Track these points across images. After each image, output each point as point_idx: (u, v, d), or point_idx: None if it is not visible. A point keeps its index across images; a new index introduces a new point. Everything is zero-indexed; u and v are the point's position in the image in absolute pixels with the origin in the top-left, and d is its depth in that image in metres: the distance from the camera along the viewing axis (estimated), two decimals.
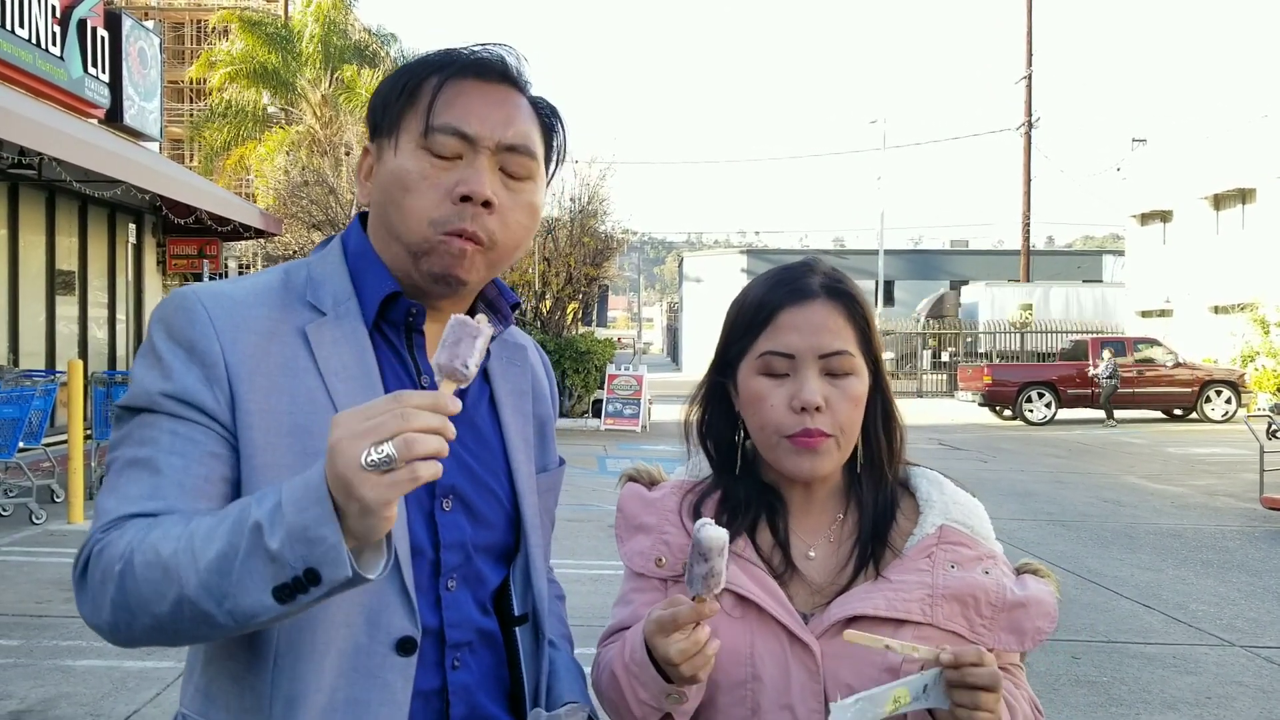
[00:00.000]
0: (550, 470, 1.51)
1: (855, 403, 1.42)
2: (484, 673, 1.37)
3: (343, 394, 1.26)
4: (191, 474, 1.21)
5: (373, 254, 1.36)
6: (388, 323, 1.35)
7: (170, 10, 33.46)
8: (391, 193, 1.31)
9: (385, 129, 1.34)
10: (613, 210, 22.55)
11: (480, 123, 1.30)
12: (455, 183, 1.28)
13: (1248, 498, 11.45)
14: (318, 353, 1.28)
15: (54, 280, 14.61)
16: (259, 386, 1.24)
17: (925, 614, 1.38)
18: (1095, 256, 51.12)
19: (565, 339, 19.98)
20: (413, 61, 1.37)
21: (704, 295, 51.12)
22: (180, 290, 1.30)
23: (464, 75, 1.32)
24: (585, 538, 8.63)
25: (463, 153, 1.30)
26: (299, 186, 21.74)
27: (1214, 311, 27.83)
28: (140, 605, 1.13)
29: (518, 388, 1.48)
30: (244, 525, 1.07)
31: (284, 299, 1.31)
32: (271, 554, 1.05)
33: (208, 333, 1.24)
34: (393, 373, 1.33)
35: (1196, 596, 7.13)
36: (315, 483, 1.04)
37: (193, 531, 1.11)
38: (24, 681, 4.99)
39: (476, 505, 1.36)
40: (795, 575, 1.44)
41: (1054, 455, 15.97)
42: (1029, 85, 33.00)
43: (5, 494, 9.17)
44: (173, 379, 1.23)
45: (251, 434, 1.23)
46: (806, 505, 1.48)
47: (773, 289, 1.47)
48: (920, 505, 1.48)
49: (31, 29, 12.61)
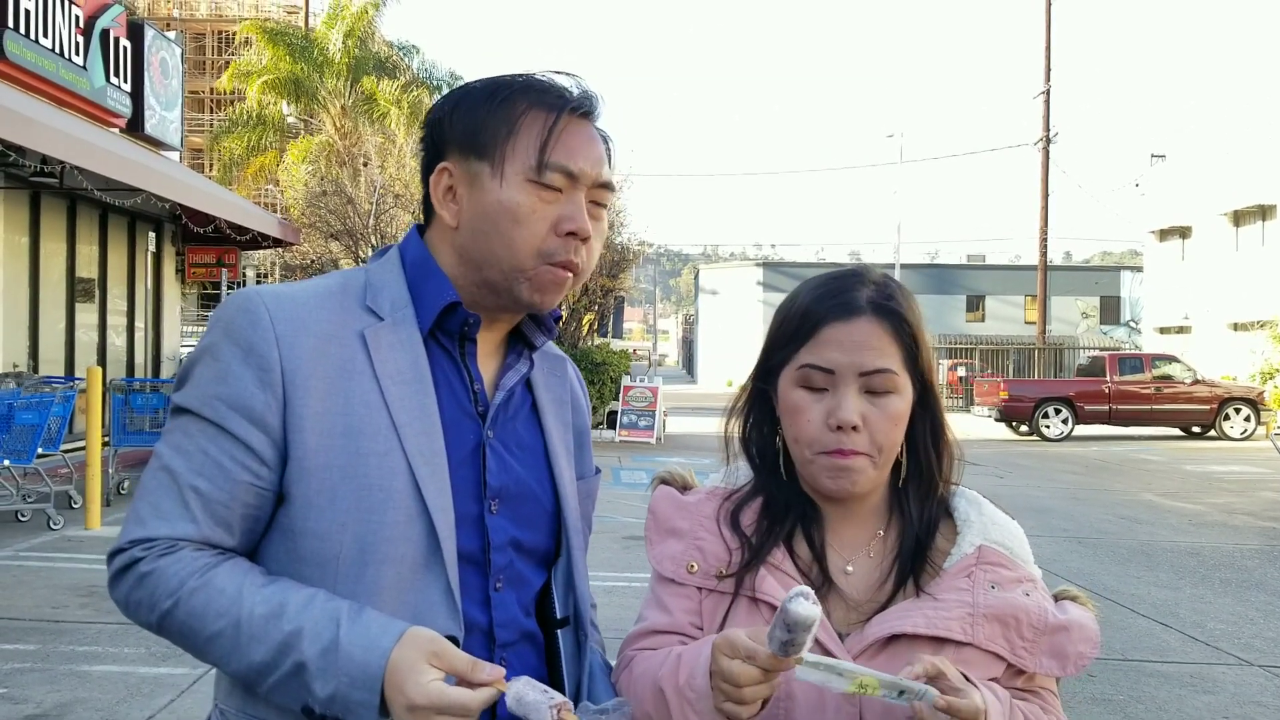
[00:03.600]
0: (588, 478, 1.56)
1: (894, 422, 1.40)
2: (527, 674, 1.38)
3: (397, 397, 1.31)
4: (216, 500, 1.27)
5: (433, 264, 1.40)
6: (443, 331, 1.39)
7: (192, 21, 33.72)
8: (499, 223, 1.34)
9: (481, 154, 1.35)
10: (629, 222, 22.57)
11: (584, 161, 1.36)
12: (559, 218, 1.34)
13: (1267, 516, 11.37)
14: (375, 356, 1.32)
15: (74, 288, 14.71)
16: (315, 390, 1.29)
17: (966, 633, 1.35)
18: (1113, 273, 50.93)
19: (580, 350, 20.00)
20: (500, 86, 1.39)
21: (720, 308, 51.12)
22: (244, 291, 1.35)
23: (572, 113, 1.37)
24: (599, 549, 8.62)
25: (564, 187, 1.35)
26: (317, 196, 21.87)
27: (1233, 328, 27.67)
28: (176, 643, 1.28)
29: (558, 397, 1.53)
30: (288, 654, 1.20)
31: (343, 302, 1.36)
32: (312, 692, 1.19)
33: (268, 336, 1.29)
34: (445, 379, 1.38)
35: (1214, 615, 7.07)
36: (374, 675, 1.18)
37: (239, 621, 1.22)
38: (40, 686, 5.01)
39: (521, 509, 1.41)
40: (833, 591, 1.41)
41: (1071, 472, 15.87)
42: (1047, 100, 32.91)
43: (24, 499, 9.22)
44: (227, 381, 1.28)
45: (304, 436, 1.28)
46: (845, 519, 1.46)
47: (819, 299, 1.44)
48: (958, 525, 1.45)
49: (55, 38, 12.73)
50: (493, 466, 1.38)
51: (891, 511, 1.46)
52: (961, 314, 47.89)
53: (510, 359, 1.46)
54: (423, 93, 26.08)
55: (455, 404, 1.37)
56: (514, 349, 1.47)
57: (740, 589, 1.40)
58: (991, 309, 48.51)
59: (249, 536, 1.31)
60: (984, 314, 48.28)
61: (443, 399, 1.35)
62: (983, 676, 1.35)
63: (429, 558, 1.29)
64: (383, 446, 1.28)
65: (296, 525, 1.29)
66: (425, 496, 1.29)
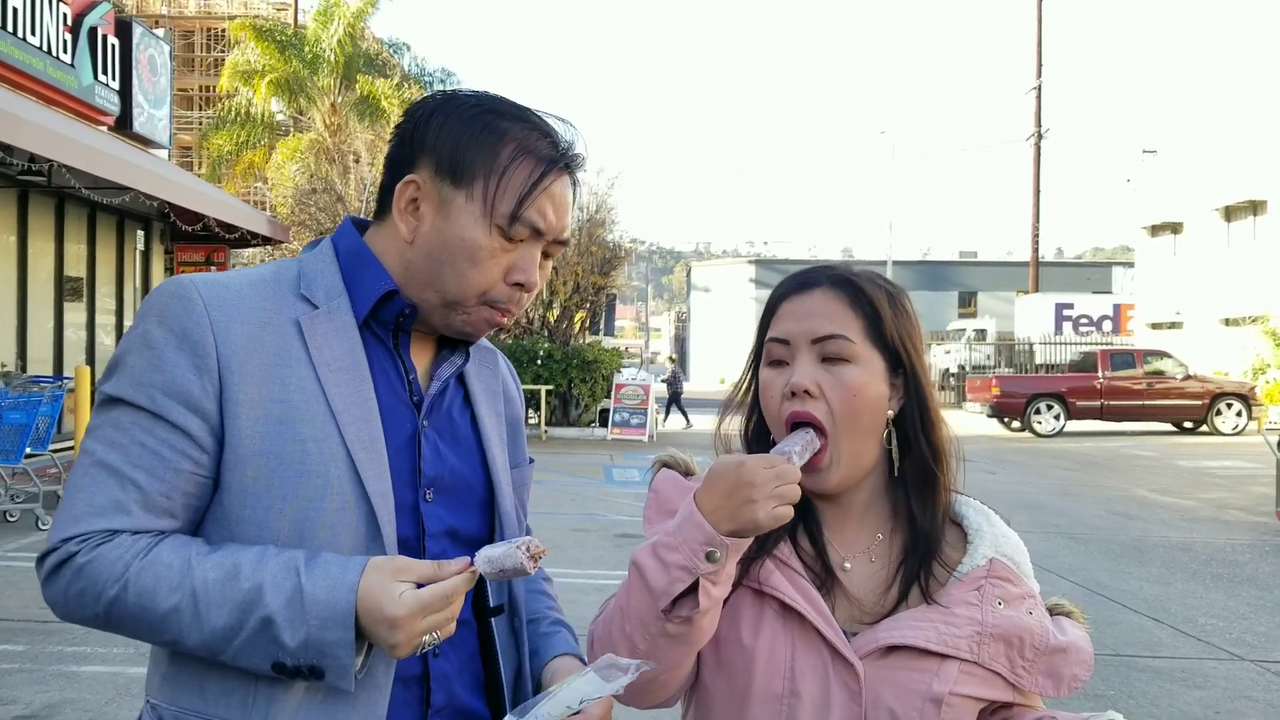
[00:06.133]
0: (522, 467, 1.57)
1: (851, 390, 1.36)
2: (461, 663, 1.41)
3: (334, 384, 1.31)
4: (156, 490, 1.25)
5: (369, 254, 1.39)
6: (377, 321, 1.38)
7: (180, 18, 33.59)
8: (455, 257, 1.34)
9: (457, 182, 1.33)
10: (621, 219, 22.67)
11: (554, 218, 1.37)
12: (512, 267, 1.35)
13: (1258, 511, 11.40)
14: (310, 344, 1.32)
15: (62, 286, 14.65)
16: (251, 376, 1.28)
17: (973, 651, 1.34)
18: (1105, 268, 51.08)
19: (572, 348, 19.98)
20: (492, 113, 1.36)
21: (712, 305, 51.18)
22: (176, 278, 1.33)
23: (557, 171, 1.36)
24: (591, 547, 8.61)
25: (526, 239, 1.36)
26: (307, 194, 21.81)
27: (1225, 324, 27.74)
28: (126, 631, 1.25)
29: (490, 389, 1.54)
30: (252, 611, 1.19)
31: (277, 291, 1.35)
32: (283, 644, 1.18)
33: (203, 322, 1.27)
34: (381, 368, 1.38)
35: (1206, 610, 7.08)
36: (344, 611, 1.18)
37: (194, 590, 1.20)
38: (29, 687, 4.99)
39: (456, 497, 1.41)
40: (837, 587, 1.39)
41: (1063, 467, 15.91)
42: (1038, 96, 32.99)
43: (12, 499, 9.18)
44: (162, 369, 1.26)
45: (240, 423, 1.27)
46: (842, 518, 1.43)
47: (783, 283, 1.47)
48: (969, 535, 1.43)
49: (43, 36, 12.66)
50: (428, 455, 1.38)
51: (895, 517, 1.44)
52: (954, 310, 47.99)
53: (444, 351, 1.46)
54: (415, 90, 26.02)
55: (391, 392, 1.37)
56: (448, 343, 1.47)
57: (744, 579, 1.38)
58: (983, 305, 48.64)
59: (191, 527, 1.30)
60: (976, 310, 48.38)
61: (379, 387, 1.35)
62: (983, 694, 1.35)
63: (368, 544, 1.28)
64: (320, 433, 1.28)
65: (233, 513, 1.27)
66: (364, 483, 1.28)
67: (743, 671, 1.36)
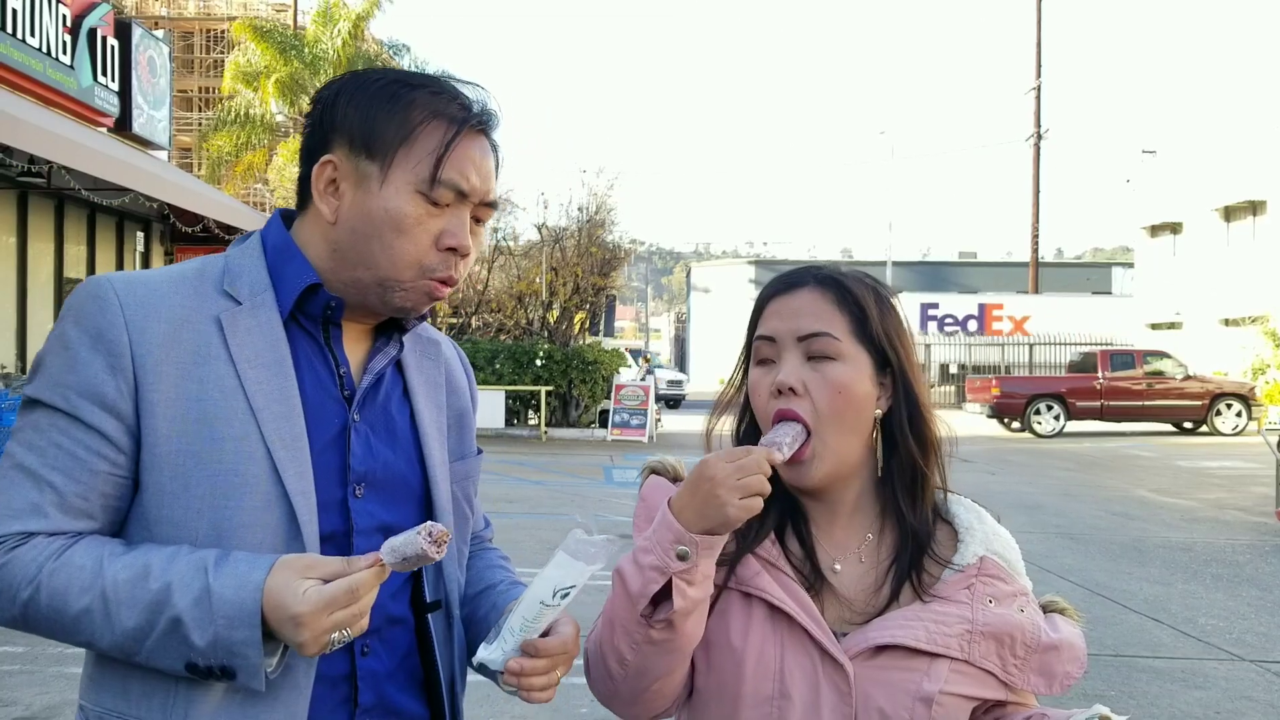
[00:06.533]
0: (467, 459, 1.55)
1: (836, 389, 1.36)
2: (395, 661, 1.39)
3: (254, 382, 1.29)
4: (72, 492, 1.24)
5: (294, 247, 1.38)
6: (305, 315, 1.37)
7: (180, 20, 33.59)
8: (382, 230, 1.32)
9: (372, 155, 1.33)
10: (620, 220, 22.63)
11: (476, 179, 1.36)
12: (442, 232, 1.34)
13: (1258, 512, 11.40)
14: (231, 340, 1.30)
15: (62, 288, 14.66)
16: (167, 375, 1.26)
17: (963, 650, 1.34)
18: (1105, 269, 51.10)
19: (572, 349, 19.98)
20: (400, 85, 1.36)
21: (712, 306, 51.18)
22: (95, 278, 1.32)
23: (471, 131, 1.35)
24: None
25: (451, 203, 1.35)
26: None
27: (1224, 324, 27.74)
28: (43, 632, 1.26)
29: (431, 379, 1.51)
30: (161, 611, 1.18)
31: (199, 287, 1.33)
32: (192, 644, 1.18)
33: (117, 322, 1.26)
34: (308, 363, 1.36)
35: (1206, 611, 7.09)
36: (250, 610, 1.17)
37: (104, 592, 1.20)
38: (29, 689, 4.99)
39: (389, 492, 1.39)
40: (826, 588, 1.38)
41: (1063, 468, 15.91)
42: (1038, 96, 33.02)
43: None
44: (76, 369, 1.25)
45: (156, 423, 1.26)
46: (830, 518, 1.43)
47: (771, 283, 1.47)
48: (960, 533, 1.43)
49: (42, 38, 12.67)
50: (357, 450, 1.36)
51: (883, 517, 1.43)
52: None
53: (380, 342, 1.44)
54: None
55: (319, 388, 1.35)
56: (384, 333, 1.45)
57: (731, 582, 1.38)
58: None
59: (112, 528, 1.29)
60: None
61: (305, 383, 1.33)
62: (975, 693, 1.35)
63: (289, 543, 1.27)
64: (239, 431, 1.27)
65: (151, 513, 1.27)
66: (285, 481, 1.27)
67: (732, 675, 1.35)
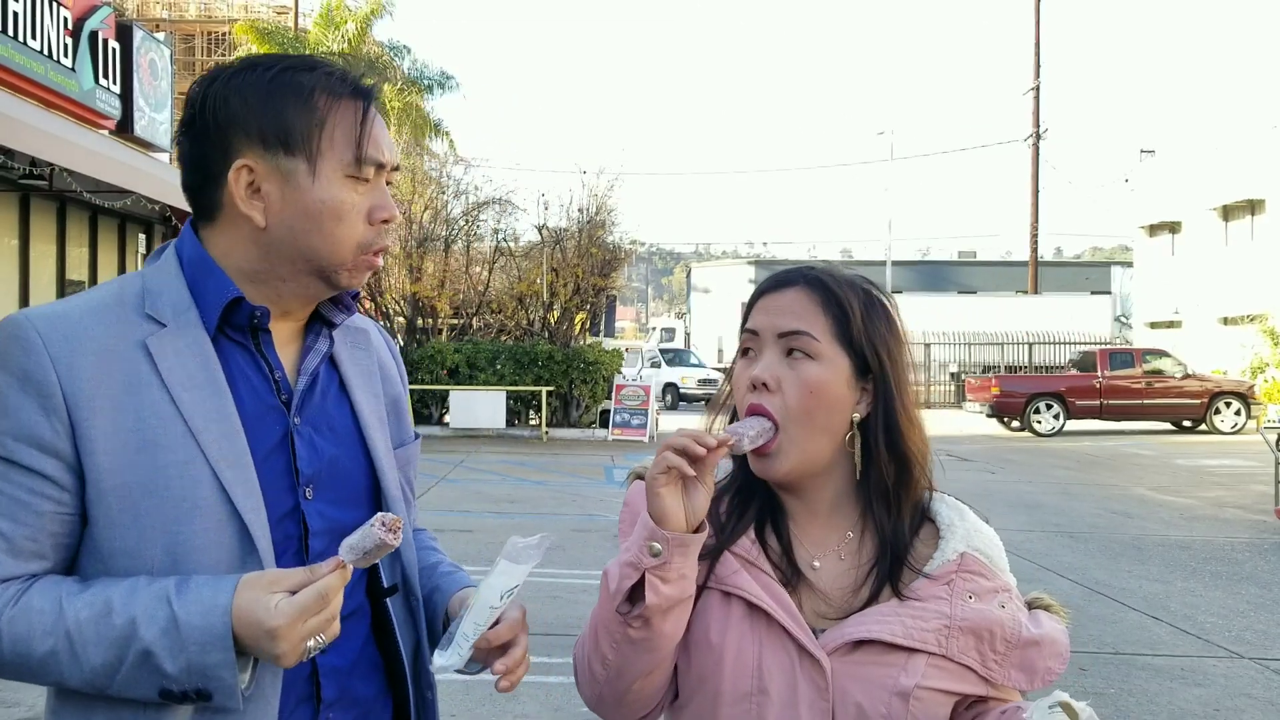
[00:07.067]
0: (406, 445, 1.56)
1: (808, 388, 1.37)
2: (355, 655, 1.40)
3: (190, 404, 1.28)
4: (20, 535, 1.24)
5: (210, 262, 1.35)
6: (232, 326, 1.36)
7: (181, 22, 33.57)
8: (322, 222, 1.33)
9: (292, 150, 1.32)
10: (620, 221, 22.53)
11: (387, 150, 1.39)
12: (372, 208, 1.36)
13: (1257, 510, 11.42)
14: (161, 365, 1.28)
15: (64, 290, 14.66)
16: (101, 409, 1.25)
17: (940, 645, 1.34)
18: (1104, 268, 51.06)
19: (573, 349, 19.99)
20: (289, 72, 1.35)
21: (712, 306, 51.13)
22: (12, 316, 1.29)
23: (369, 104, 1.38)
24: (591, 547, 8.63)
25: (371, 177, 1.37)
26: None
27: (1223, 323, 27.75)
28: (10, 677, 1.25)
29: (365, 369, 1.51)
30: (129, 646, 1.19)
31: (120, 314, 1.31)
32: (165, 673, 1.18)
33: (43, 361, 1.24)
34: (242, 375, 1.35)
35: (1205, 608, 7.11)
36: (220, 633, 1.18)
37: (68, 633, 1.20)
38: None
39: (337, 490, 1.40)
40: (803, 584, 1.39)
41: (1062, 467, 15.92)
42: (1037, 96, 33.02)
43: None
44: (8, 414, 1.24)
45: (96, 458, 1.24)
46: (808, 515, 1.44)
47: (764, 280, 1.50)
48: (941, 530, 1.43)
49: (43, 41, 12.69)
50: (303, 453, 1.36)
51: (865, 517, 1.44)
52: None
53: (310, 340, 1.44)
54: (416, 94, 26.01)
55: (255, 398, 1.35)
56: (313, 330, 1.45)
57: (711, 581, 1.39)
58: None
59: (65, 565, 1.29)
60: None
61: (241, 396, 1.33)
62: (954, 688, 1.35)
63: (245, 559, 1.27)
64: (182, 456, 1.26)
65: (104, 546, 1.26)
66: (234, 500, 1.27)
67: (712, 672, 1.37)
